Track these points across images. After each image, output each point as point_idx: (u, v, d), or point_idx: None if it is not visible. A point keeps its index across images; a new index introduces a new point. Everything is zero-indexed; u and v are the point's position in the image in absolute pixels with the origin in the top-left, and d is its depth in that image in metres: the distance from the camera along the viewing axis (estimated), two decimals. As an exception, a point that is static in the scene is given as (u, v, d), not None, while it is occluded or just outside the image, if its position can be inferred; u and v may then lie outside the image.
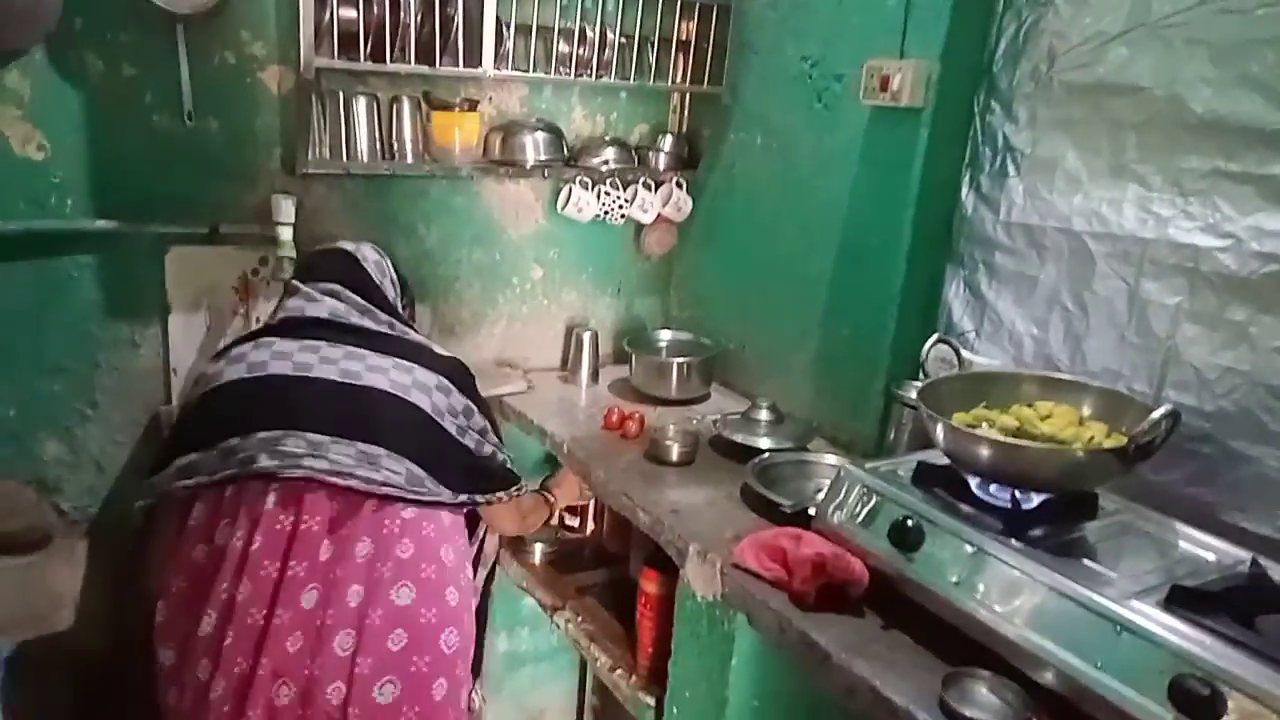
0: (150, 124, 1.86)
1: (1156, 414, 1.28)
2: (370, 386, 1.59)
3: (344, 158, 1.98)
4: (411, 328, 1.85)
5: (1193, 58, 1.47)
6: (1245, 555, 1.30)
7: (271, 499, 1.48)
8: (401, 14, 1.84)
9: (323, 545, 1.48)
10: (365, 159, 2.00)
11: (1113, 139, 1.60)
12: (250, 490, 1.49)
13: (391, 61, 1.87)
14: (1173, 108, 1.50)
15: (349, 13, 1.82)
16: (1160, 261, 1.54)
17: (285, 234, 1.91)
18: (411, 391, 1.62)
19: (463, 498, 1.64)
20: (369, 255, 1.84)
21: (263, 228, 1.95)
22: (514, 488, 1.77)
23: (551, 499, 2.06)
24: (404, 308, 1.90)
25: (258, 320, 2.01)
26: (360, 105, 1.97)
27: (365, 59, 1.85)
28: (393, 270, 1.89)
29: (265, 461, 1.48)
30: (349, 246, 1.84)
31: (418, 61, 1.90)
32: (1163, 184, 1.53)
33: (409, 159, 2.06)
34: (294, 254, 1.92)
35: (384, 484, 1.51)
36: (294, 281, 1.77)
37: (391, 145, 2.05)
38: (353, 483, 1.49)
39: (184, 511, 1.53)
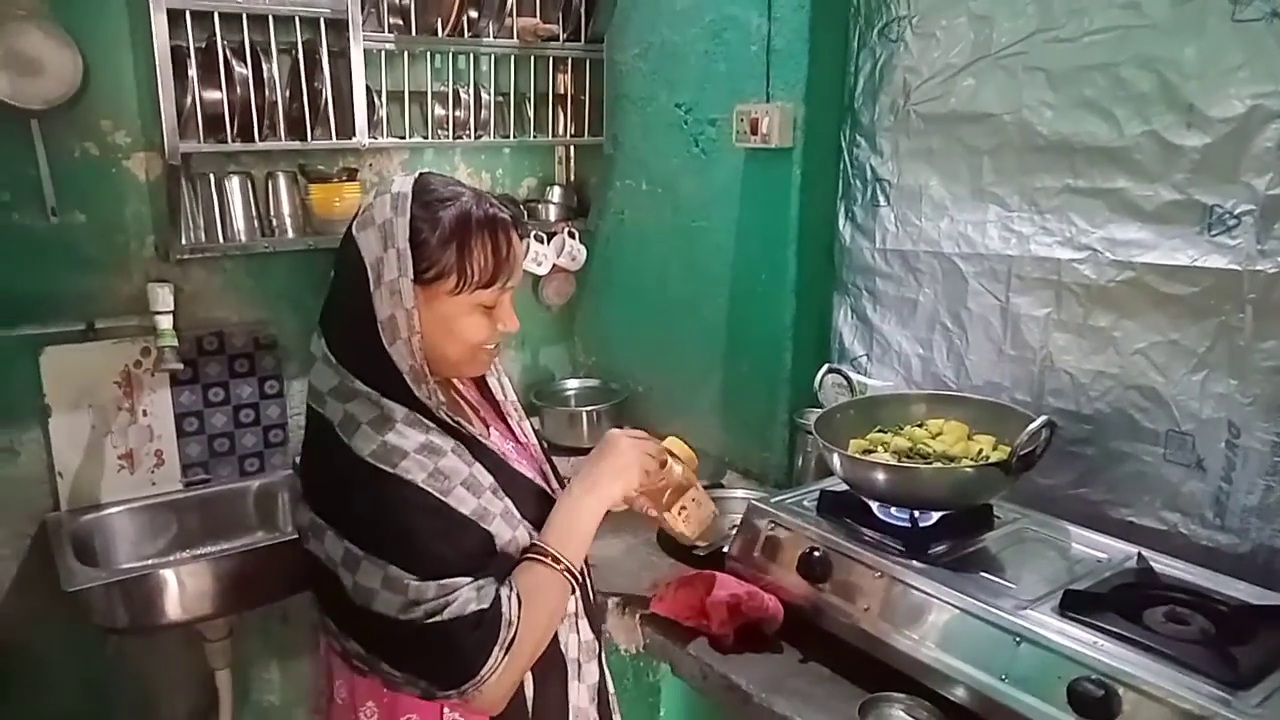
0: (11, 223, 1.80)
1: (1034, 425, 1.34)
2: None
3: (220, 239, 1.94)
4: None
5: (1033, 84, 1.56)
6: (1133, 550, 1.37)
7: None
8: (267, 92, 1.82)
9: None
10: (243, 238, 1.96)
11: (970, 164, 1.68)
12: None
13: (261, 139, 1.84)
14: (1021, 132, 1.59)
15: (213, 94, 1.79)
16: (1026, 276, 1.62)
17: (165, 323, 1.86)
18: None
19: None
20: None
21: (141, 319, 1.89)
22: None
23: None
24: None
25: (144, 414, 1.94)
26: (234, 185, 1.94)
27: (233, 139, 1.82)
28: None
29: None
30: None
31: (289, 137, 1.88)
32: (1020, 203, 1.61)
33: (289, 234, 2.02)
34: (175, 343, 1.87)
35: None
36: None
37: (270, 222, 2.02)
38: None
39: None
